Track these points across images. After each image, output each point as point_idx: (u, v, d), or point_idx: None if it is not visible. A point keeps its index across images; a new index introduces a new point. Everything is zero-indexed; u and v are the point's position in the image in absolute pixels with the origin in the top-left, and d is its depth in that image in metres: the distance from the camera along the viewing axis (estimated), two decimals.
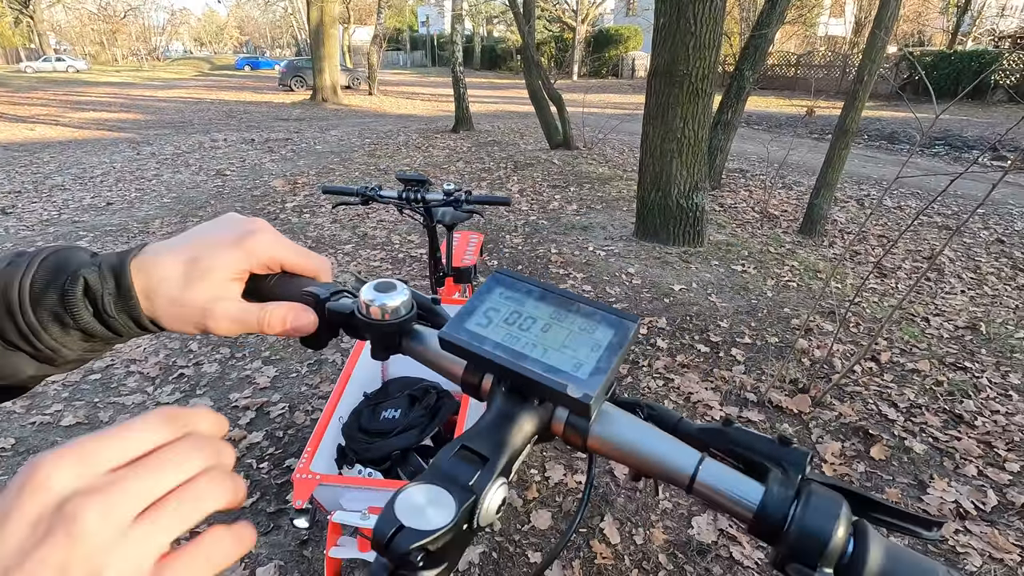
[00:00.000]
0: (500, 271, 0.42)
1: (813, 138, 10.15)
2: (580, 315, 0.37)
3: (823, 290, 3.25)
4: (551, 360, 0.34)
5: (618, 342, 0.35)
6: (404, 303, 0.41)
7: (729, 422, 0.37)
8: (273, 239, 0.45)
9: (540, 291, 0.39)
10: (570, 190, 6.15)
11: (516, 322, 0.37)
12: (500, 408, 0.35)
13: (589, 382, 0.33)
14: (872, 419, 2.41)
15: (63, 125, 11.70)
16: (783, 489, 0.31)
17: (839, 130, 4.44)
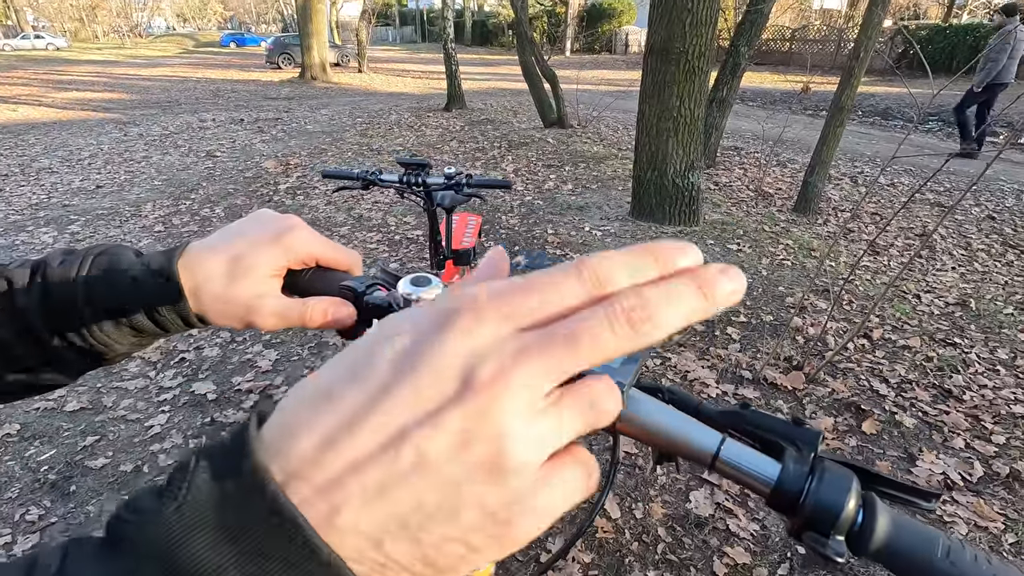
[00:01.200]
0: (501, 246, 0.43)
1: (808, 115, 10.12)
2: None
3: (818, 269, 3.29)
4: None
5: None
6: (440, 295, 0.43)
7: (746, 405, 0.40)
8: (308, 235, 0.47)
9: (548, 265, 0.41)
10: (565, 169, 6.13)
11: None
12: None
13: (622, 371, 0.35)
14: (864, 395, 2.47)
15: (46, 106, 11.46)
16: (798, 466, 0.34)
17: (834, 107, 4.44)
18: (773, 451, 0.37)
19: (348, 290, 0.46)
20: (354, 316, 0.45)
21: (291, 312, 0.44)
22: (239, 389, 2.50)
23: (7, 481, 2.00)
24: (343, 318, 0.44)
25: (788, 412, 2.37)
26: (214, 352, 2.78)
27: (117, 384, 2.54)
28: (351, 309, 0.45)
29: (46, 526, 1.83)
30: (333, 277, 0.47)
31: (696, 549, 1.78)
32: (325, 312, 0.44)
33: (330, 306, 0.44)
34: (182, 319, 0.44)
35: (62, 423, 2.30)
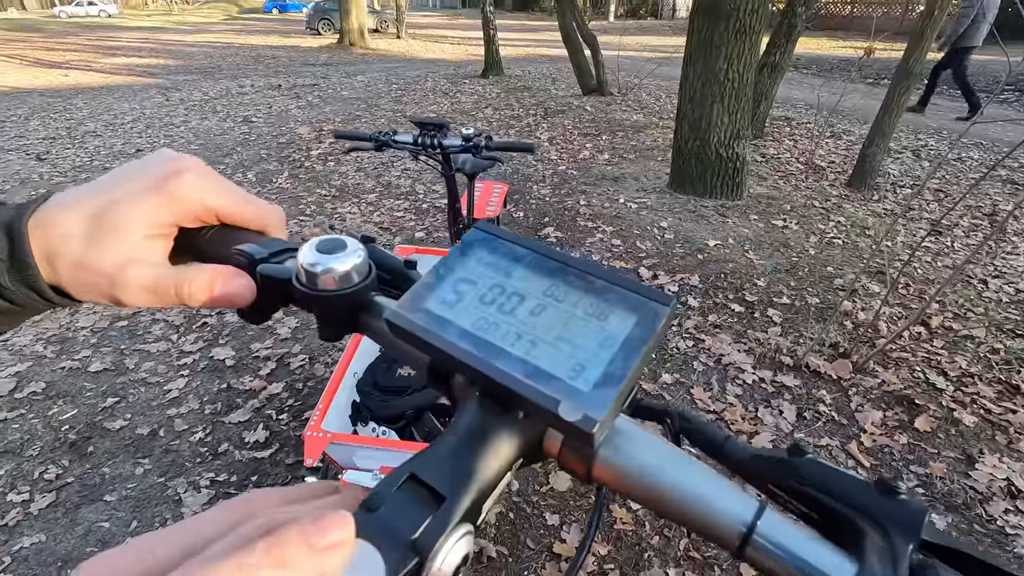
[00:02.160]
0: (481, 225, 0.30)
1: (868, 83, 9.43)
2: (589, 292, 0.26)
3: (874, 248, 3.03)
4: (540, 360, 0.24)
5: (641, 335, 0.24)
6: (357, 267, 0.31)
7: (800, 450, 0.26)
8: (203, 182, 0.35)
9: (533, 255, 0.28)
10: (602, 138, 5.87)
11: (496, 300, 0.27)
12: (471, 420, 0.25)
13: (593, 397, 0.22)
14: (918, 388, 2.25)
15: (95, 71, 11.73)
16: (889, 570, 0.21)
17: (901, 72, 4.05)
18: (839, 530, 0.23)
19: (242, 256, 0.34)
20: (252, 291, 0.33)
21: (165, 285, 0.32)
22: (257, 356, 2.47)
23: (29, 439, 2.03)
24: (234, 294, 0.33)
25: (832, 405, 2.19)
26: (235, 318, 2.76)
27: (140, 346, 2.55)
28: (247, 282, 0.33)
29: (63, 485, 1.84)
30: (240, 239, 0.36)
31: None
32: (210, 286, 0.32)
33: (217, 278, 0.33)
34: (36, 292, 0.33)
35: (86, 383, 2.32)
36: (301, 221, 3.81)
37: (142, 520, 1.73)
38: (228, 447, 2.00)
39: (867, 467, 1.93)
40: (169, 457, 1.96)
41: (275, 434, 2.05)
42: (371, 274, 0.32)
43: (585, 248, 3.39)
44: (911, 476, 1.90)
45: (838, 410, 2.16)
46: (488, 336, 0.25)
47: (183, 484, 1.85)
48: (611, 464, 0.25)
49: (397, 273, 0.36)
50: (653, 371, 2.36)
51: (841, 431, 2.08)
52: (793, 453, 0.26)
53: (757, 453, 0.27)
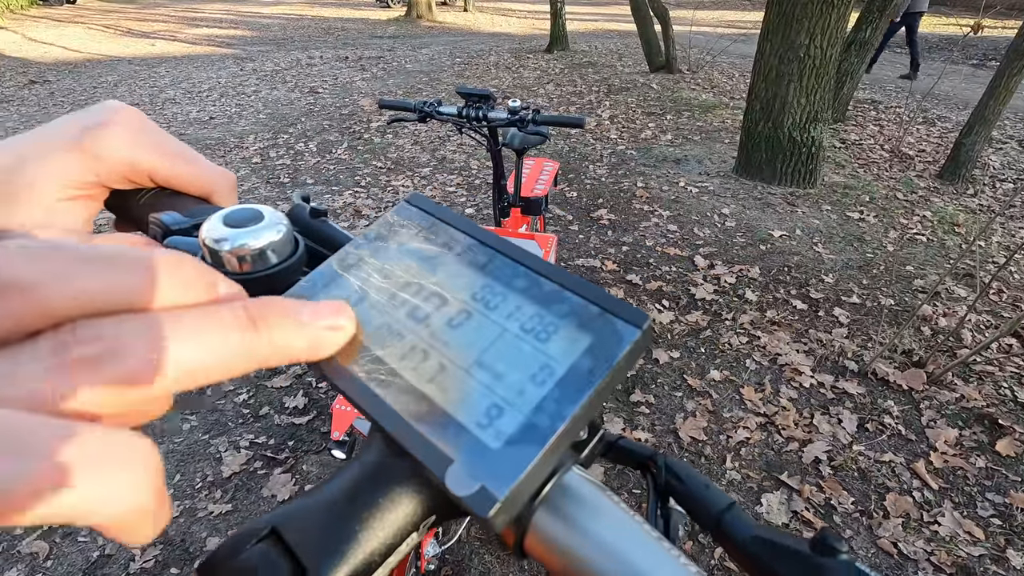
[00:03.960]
0: (414, 199, 0.24)
1: (971, 64, 8.55)
2: (531, 299, 0.19)
3: (963, 248, 2.73)
4: (443, 394, 0.18)
5: (592, 366, 0.17)
6: (275, 245, 0.24)
7: (830, 547, 0.19)
8: (132, 137, 0.29)
9: (469, 241, 0.22)
10: (667, 118, 5.61)
11: (407, 303, 0.20)
12: (369, 463, 0.19)
13: (502, 461, 0.16)
14: (1004, 407, 2.02)
15: (179, 41, 12.31)
16: None
17: (1013, 52, 3.60)
18: None
19: (157, 225, 0.28)
20: None
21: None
22: None
23: None
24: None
25: (899, 418, 2.00)
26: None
27: None
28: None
29: None
30: (179, 205, 0.30)
31: None
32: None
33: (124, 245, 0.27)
34: None
35: None
36: (356, 192, 3.86)
37: (185, 474, 1.81)
38: (269, 410, 2.05)
39: (935, 489, 1.75)
40: (214, 416, 2.04)
41: (313, 401, 2.08)
42: (296, 254, 0.26)
43: (639, 232, 3.25)
44: (986, 504, 1.71)
45: (906, 424, 1.97)
46: (383, 353, 0.19)
47: (224, 443, 1.92)
48: (551, 538, 0.19)
49: (332, 243, 0.30)
50: (701, 366, 2.23)
51: (907, 447, 1.89)
52: (819, 549, 0.18)
53: (765, 537, 0.20)
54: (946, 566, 1.54)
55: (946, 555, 1.57)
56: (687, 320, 2.49)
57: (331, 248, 0.30)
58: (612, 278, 2.79)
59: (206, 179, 0.32)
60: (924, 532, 1.63)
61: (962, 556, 1.57)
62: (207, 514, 1.68)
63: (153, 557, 1.56)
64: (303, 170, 4.33)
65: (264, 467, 1.83)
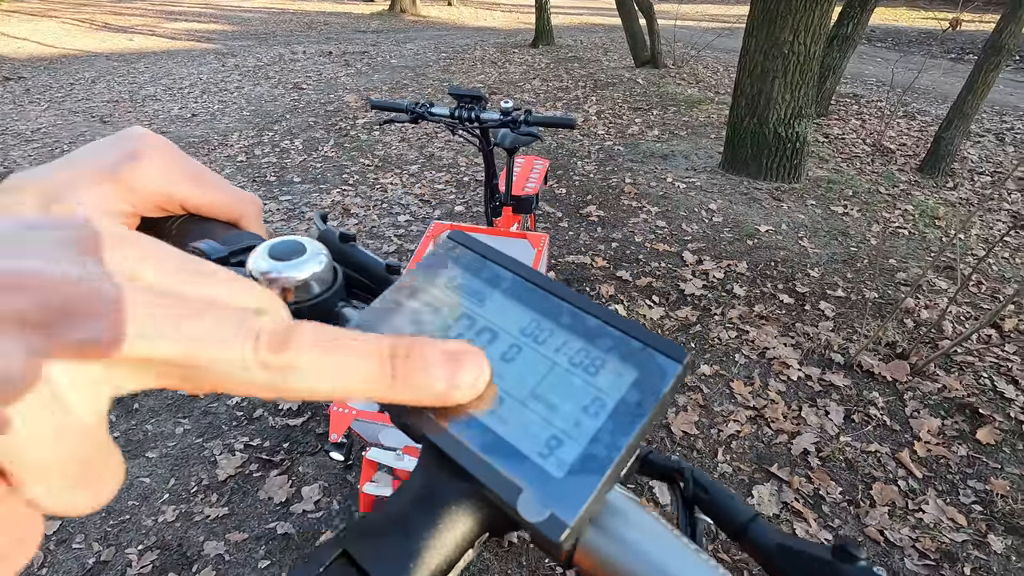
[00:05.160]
0: (455, 234, 0.25)
1: (950, 58, 8.70)
2: (578, 334, 0.21)
3: (946, 241, 2.80)
4: (505, 425, 0.19)
5: (641, 399, 0.19)
6: (319, 276, 0.26)
7: (849, 554, 0.20)
8: (165, 166, 0.30)
9: (515, 279, 0.23)
10: (653, 113, 5.64)
11: (461, 337, 0.22)
12: (424, 484, 0.20)
13: (567, 489, 0.17)
14: (984, 396, 2.09)
15: (158, 36, 12.08)
16: None
17: (990, 47, 3.68)
18: None
19: (196, 254, 0.29)
20: None
21: None
22: None
23: None
24: None
25: (884, 409, 2.05)
26: None
27: None
28: None
29: None
30: (207, 232, 0.31)
31: None
32: None
33: None
34: None
35: None
36: (344, 191, 3.83)
37: (179, 478, 1.80)
38: (263, 413, 2.04)
39: (919, 477, 1.80)
40: (207, 419, 2.03)
41: (308, 404, 2.08)
42: (336, 282, 0.27)
43: (628, 228, 3.28)
44: (968, 491, 1.76)
45: (891, 414, 2.03)
46: None
47: (219, 446, 1.91)
48: (598, 551, 0.20)
49: (377, 277, 0.31)
50: (692, 361, 2.26)
51: (892, 437, 1.95)
52: (840, 556, 0.20)
53: (789, 545, 0.22)
54: (931, 552, 1.59)
55: (930, 541, 1.62)
56: (677, 316, 2.52)
57: (361, 271, 0.32)
58: (603, 275, 2.82)
59: (235, 205, 0.33)
60: (909, 520, 1.68)
61: (946, 542, 1.62)
62: (203, 518, 1.68)
63: (151, 562, 1.56)
64: (289, 168, 4.30)
65: (260, 469, 1.83)
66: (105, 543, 1.62)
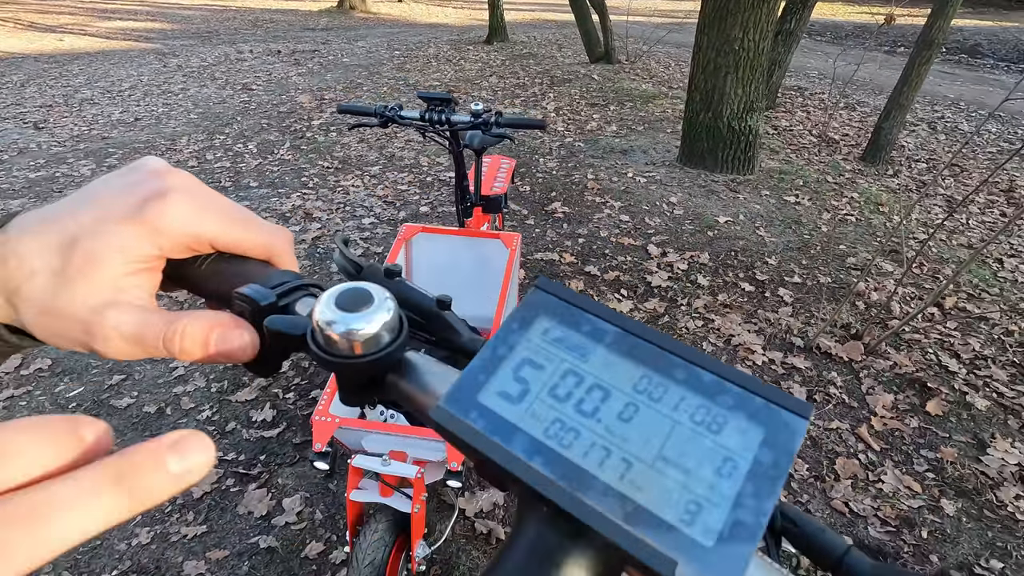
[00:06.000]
0: (545, 285, 0.24)
1: (884, 51, 9.17)
2: (695, 391, 0.20)
3: (892, 227, 2.97)
4: (640, 493, 0.18)
5: (775, 459, 0.18)
6: (388, 325, 0.25)
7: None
8: (192, 204, 0.29)
9: (618, 332, 0.22)
10: (610, 109, 5.74)
11: (572, 395, 0.20)
12: (537, 541, 0.20)
13: (722, 559, 0.16)
14: (931, 371, 2.23)
15: (91, 35, 11.46)
16: None
17: (922, 41, 3.91)
18: None
19: (244, 301, 0.28)
20: (255, 346, 0.27)
21: (150, 336, 0.26)
22: None
23: None
24: (235, 350, 0.27)
25: (843, 388, 2.17)
26: None
27: None
28: (249, 335, 0.27)
29: None
30: (240, 271, 0.30)
31: None
32: (205, 340, 0.26)
33: (215, 329, 0.26)
34: None
35: (91, 360, 2.30)
36: (304, 195, 3.75)
37: None
38: (236, 426, 1.99)
39: (877, 450, 1.92)
40: None
41: (282, 413, 2.04)
42: (403, 330, 0.26)
43: (593, 224, 3.33)
44: (921, 460, 1.89)
45: (849, 392, 2.14)
46: (567, 452, 0.19)
47: None
48: None
49: (428, 313, 0.30)
50: None
51: (851, 414, 2.06)
52: None
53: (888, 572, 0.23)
54: (891, 519, 1.70)
55: (890, 509, 1.73)
56: (646, 308, 2.59)
57: (410, 308, 0.31)
58: (571, 270, 2.86)
59: (266, 241, 0.32)
60: (870, 490, 1.79)
61: (904, 509, 1.73)
62: (180, 538, 1.63)
63: None
64: (245, 173, 4.17)
65: (237, 484, 1.79)
66: (76, 571, 1.55)
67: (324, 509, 1.71)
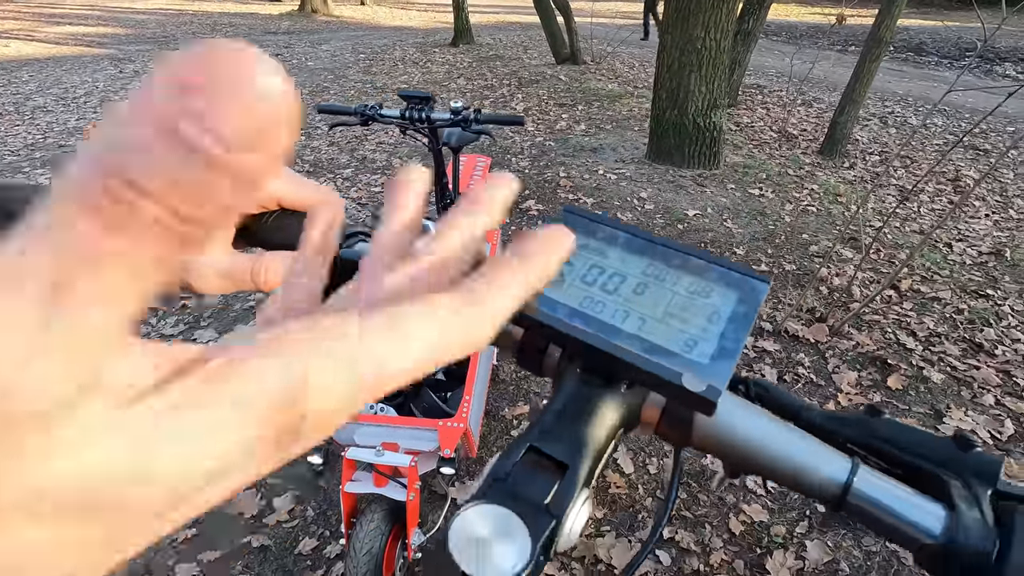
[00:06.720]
0: (570, 208, 0.31)
1: (837, 50, 9.55)
2: (687, 271, 0.27)
3: (848, 215, 3.12)
4: (653, 336, 0.25)
5: (745, 312, 0.25)
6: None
7: (877, 411, 0.29)
8: None
9: (628, 236, 0.29)
10: (578, 109, 5.83)
11: (597, 280, 0.27)
12: (576, 393, 0.27)
13: (713, 369, 0.23)
14: (890, 349, 2.36)
15: (39, 41, 11.03)
16: (977, 514, 0.24)
17: (872, 40, 4.12)
18: (925, 482, 0.26)
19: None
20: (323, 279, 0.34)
21: (239, 271, 0.33)
22: None
23: None
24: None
25: (810, 368, 2.28)
26: (215, 299, 2.70)
27: None
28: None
29: None
30: (302, 224, 0.36)
31: (712, 506, 1.73)
32: (286, 271, 0.33)
33: (292, 263, 0.33)
34: None
35: None
36: None
37: None
38: None
39: None
40: None
41: None
42: None
43: None
44: None
45: (816, 372, 2.26)
46: (599, 315, 0.26)
47: None
48: (709, 431, 0.27)
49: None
50: None
51: (819, 391, 2.17)
52: (871, 414, 0.28)
53: (835, 415, 0.30)
54: None
55: None
56: None
57: None
58: None
59: (322, 199, 0.37)
60: None
61: None
62: (170, 542, 1.62)
63: None
64: None
65: None
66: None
67: (316, 506, 1.72)
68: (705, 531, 1.66)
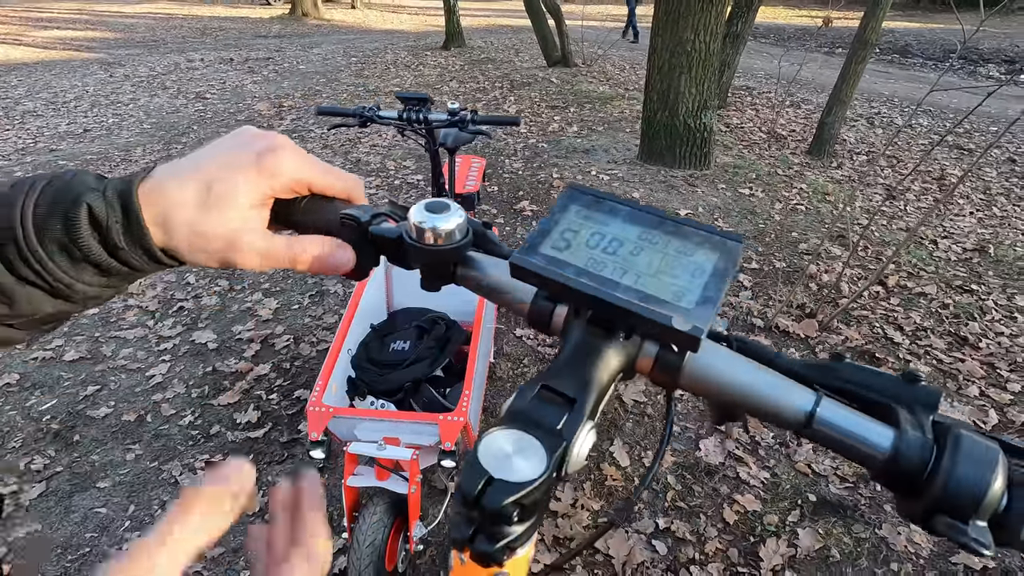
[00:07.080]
0: (574, 186, 0.35)
1: (824, 52, 9.67)
2: (675, 236, 0.32)
3: (836, 214, 3.18)
4: (647, 288, 0.30)
5: (724, 267, 0.30)
6: (460, 226, 0.36)
7: (840, 357, 0.33)
8: (297, 157, 0.38)
9: (624, 209, 0.34)
10: (570, 111, 5.89)
11: (599, 245, 0.32)
12: (581, 342, 0.32)
13: (697, 313, 0.28)
14: (878, 343, 2.42)
15: (27, 45, 10.96)
16: (917, 433, 0.27)
17: (858, 42, 4.19)
18: (878, 411, 0.30)
19: (350, 220, 0.38)
20: (352, 261, 0.38)
21: (277, 251, 0.36)
22: (240, 338, 2.45)
23: (9, 431, 1.98)
24: (340, 261, 0.37)
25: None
26: (212, 301, 2.72)
27: (115, 334, 2.49)
28: (350, 252, 0.38)
29: (52, 475, 1.82)
30: (331, 207, 0.40)
31: (706, 496, 1.77)
32: (320, 253, 0.37)
33: (325, 246, 0.37)
34: (147, 254, 0.36)
35: (61, 373, 2.26)
36: None
37: (139, 503, 1.73)
38: (220, 429, 2.00)
39: None
40: (160, 442, 1.95)
41: (267, 414, 2.05)
42: (469, 233, 0.37)
43: None
44: None
45: None
46: (601, 272, 0.30)
47: (178, 467, 1.85)
48: (695, 373, 0.31)
49: (481, 233, 0.40)
50: None
51: None
52: (835, 359, 0.32)
53: (804, 361, 0.33)
54: (848, 477, 1.85)
55: (847, 468, 1.88)
56: None
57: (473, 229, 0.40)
58: None
59: (348, 185, 0.41)
60: (829, 453, 1.94)
61: (859, 468, 1.88)
62: None
63: None
64: None
65: None
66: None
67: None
68: (700, 521, 1.70)
